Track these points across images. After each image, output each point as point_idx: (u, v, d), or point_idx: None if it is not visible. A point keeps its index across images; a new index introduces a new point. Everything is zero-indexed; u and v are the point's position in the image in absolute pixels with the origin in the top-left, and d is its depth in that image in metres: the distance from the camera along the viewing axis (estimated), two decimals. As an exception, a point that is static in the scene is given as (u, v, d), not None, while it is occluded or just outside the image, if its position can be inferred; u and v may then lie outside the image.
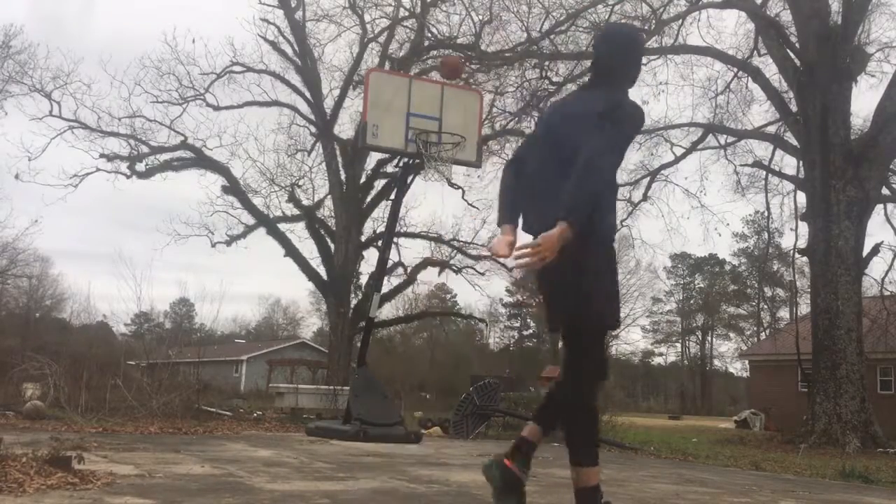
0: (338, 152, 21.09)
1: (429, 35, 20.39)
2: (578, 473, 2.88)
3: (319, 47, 21.59)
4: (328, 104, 21.35)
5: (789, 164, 19.63)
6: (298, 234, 21.48)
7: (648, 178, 19.99)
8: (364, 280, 21.54)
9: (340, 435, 8.19)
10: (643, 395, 64.12)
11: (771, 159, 18.99)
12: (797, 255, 18.31)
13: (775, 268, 44.22)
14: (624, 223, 20.01)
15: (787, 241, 35.42)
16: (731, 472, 7.64)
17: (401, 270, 22.88)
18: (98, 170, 19.88)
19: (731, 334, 60.66)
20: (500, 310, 56.65)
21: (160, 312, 40.03)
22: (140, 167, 20.29)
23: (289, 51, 21.16)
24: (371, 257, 21.84)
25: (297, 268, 20.91)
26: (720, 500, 4.86)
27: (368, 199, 21.64)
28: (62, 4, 64.76)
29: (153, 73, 20.15)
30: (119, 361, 11.54)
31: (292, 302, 65.90)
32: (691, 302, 62.72)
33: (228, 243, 21.49)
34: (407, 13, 20.93)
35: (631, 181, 19.92)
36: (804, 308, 21.80)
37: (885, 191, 16.84)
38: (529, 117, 17.29)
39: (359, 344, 12.62)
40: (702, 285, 62.74)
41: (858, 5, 15.46)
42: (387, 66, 19.66)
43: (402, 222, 20.01)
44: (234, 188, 20.53)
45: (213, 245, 21.53)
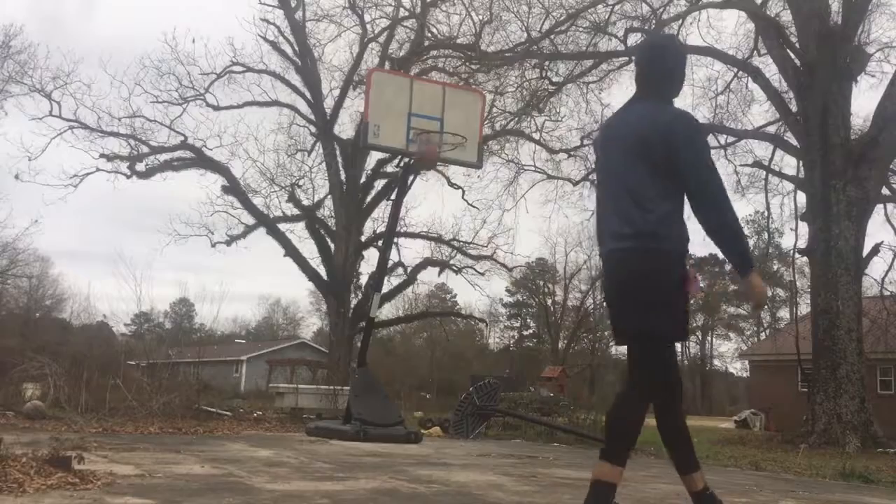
0: (338, 152, 21.10)
1: (429, 35, 20.40)
2: (602, 467, 2.91)
3: (319, 47, 21.63)
4: (328, 104, 21.38)
5: (789, 164, 19.61)
6: (298, 234, 21.52)
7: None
8: (364, 280, 21.58)
9: (340, 435, 8.19)
10: (643, 396, 64.02)
11: (771, 159, 18.97)
12: (797, 255, 18.32)
13: (775, 268, 44.23)
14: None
15: (787, 241, 35.49)
16: (731, 472, 7.63)
17: (401, 270, 22.91)
18: (98, 170, 19.92)
19: (731, 334, 60.62)
20: (500, 310, 56.61)
21: (160, 312, 40.04)
22: (140, 167, 20.32)
23: (289, 51, 21.18)
24: (371, 257, 21.87)
25: (297, 268, 20.97)
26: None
27: (368, 199, 21.66)
28: (62, 4, 64.82)
29: (153, 73, 20.27)
30: (119, 361, 11.53)
31: (292, 302, 66.00)
32: (691, 302, 62.64)
33: (228, 243, 21.52)
34: (407, 13, 20.94)
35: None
36: (804, 308, 21.82)
37: (885, 191, 16.83)
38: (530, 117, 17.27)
39: (359, 344, 12.63)
40: (702, 285, 62.74)
41: (858, 5, 15.44)
42: (387, 66, 19.67)
43: (402, 222, 20.04)
44: (234, 188, 20.54)
45: (213, 245, 21.58)
